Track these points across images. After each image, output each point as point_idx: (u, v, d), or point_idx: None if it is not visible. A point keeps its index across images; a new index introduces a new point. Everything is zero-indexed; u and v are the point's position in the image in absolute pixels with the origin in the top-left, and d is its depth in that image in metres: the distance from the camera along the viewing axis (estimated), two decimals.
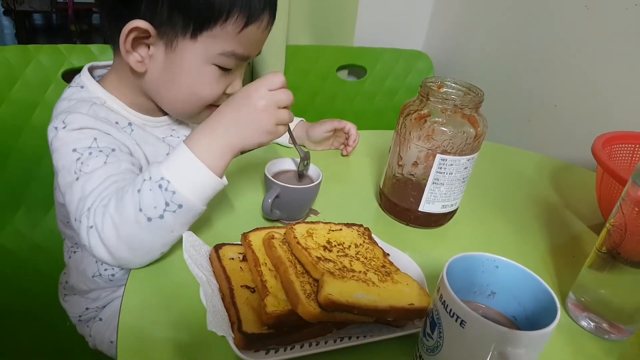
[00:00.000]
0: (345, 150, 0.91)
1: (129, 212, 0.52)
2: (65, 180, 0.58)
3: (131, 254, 0.53)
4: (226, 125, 0.56)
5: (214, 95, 0.67)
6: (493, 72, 1.38)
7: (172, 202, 0.52)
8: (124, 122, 0.67)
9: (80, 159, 0.58)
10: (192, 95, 0.66)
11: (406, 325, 0.50)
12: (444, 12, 1.54)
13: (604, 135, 0.78)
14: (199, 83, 0.64)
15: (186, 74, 0.64)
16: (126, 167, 0.60)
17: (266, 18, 0.63)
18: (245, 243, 0.56)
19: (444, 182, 0.65)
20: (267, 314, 0.46)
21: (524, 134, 1.27)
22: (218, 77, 0.65)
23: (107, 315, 0.78)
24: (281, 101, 0.57)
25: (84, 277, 0.75)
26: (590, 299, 0.56)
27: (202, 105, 0.67)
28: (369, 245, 0.58)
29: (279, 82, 0.57)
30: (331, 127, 0.88)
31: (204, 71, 0.64)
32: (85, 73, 0.69)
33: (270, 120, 0.56)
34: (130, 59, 0.61)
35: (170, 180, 0.52)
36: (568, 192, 0.91)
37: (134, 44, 0.61)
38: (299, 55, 1.30)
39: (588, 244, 0.75)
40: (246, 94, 0.57)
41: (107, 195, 0.55)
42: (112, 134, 0.62)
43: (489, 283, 0.47)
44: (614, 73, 1.05)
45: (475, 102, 0.62)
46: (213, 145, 0.55)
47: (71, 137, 0.59)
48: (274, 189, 0.63)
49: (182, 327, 0.49)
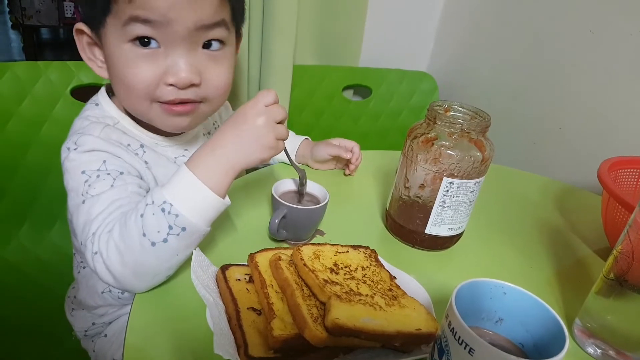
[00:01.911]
0: (347, 169, 0.92)
1: (133, 238, 0.52)
2: (73, 202, 0.59)
3: (137, 279, 0.53)
4: (227, 144, 0.55)
5: (144, 80, 0.59)
6: (498, 94, 1.38)
7: (175, 225, 0.52)
8: (136, 144, 0.66)
9: (88, 181, 0.58)
10: (124, 85, 0.60)
11: (413, 351, 0.50)
12: (449, 34, 1.56)
13: (609, 160, 0.79)
14: (123, 68, 0.59)
15: (114, 64, 0.60)
16: (132, 189, 0.60)
17: None
18: (252, 264, 0.56)
19: (450, 205, 0.65)
20: (273, 338, 0.45)
21: (529, 156, 1.28)
22: (140, 56, 0.58)
23: (112, 331, 0.78)
24: (278, 116, 0.57)
25: (93, 292, 0.75)
26: (597, 326, 0.56)
27: (138, 96, 0.60)
28: (376, 268, 0.58)
29: (272, 98, 0.57)
30: (335, 153, 0.89)
31: (123, 53, 0.58)
32: (102, 92, 0.69)
33: (270, 136, 0.56)
34: (92, 65, 0.63)
35: (173, 203, 0.51)
36: (573, 216, 0.91)
37: (92, 51, 0.62)
38: (306, 75, 1.31)
39: (593, 269, 0.74)
40: (244, 112, 0.56)
41: (112, 220, 0.55)
42: (122, 157, 0.62)
43: (497, 309, 0.47)
44: (619, 97, 1.05)
45: (482, 126, 0.63)
46: (214, 165, 0.54)
47: (81, 159, 0.59)
48: (281, 209, 0.64)
49: (188, 349, 0.49)
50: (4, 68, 0.93)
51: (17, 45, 4.31)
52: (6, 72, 0.92)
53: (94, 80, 1.01)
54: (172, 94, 0.60)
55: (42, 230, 1.02)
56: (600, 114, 1.09)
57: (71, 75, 0.99)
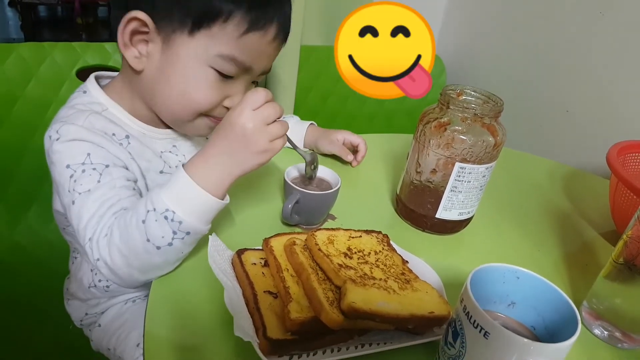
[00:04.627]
0: (352, 163, 0.90)
1: (137, 243, 0.53)
2: (63, 199, 0.59)
3: (144, 276, 0.56)
4: (219, 155, 0.55)
5: (209, 101, 0.63)
6: (504, 76, 1.38)
7: (179, 230, 0.53)
8: (122, 133, 0.65)
9: (73, 176, 0.58)
10: (185, 97, 0.62)
11: (425, 333, 0.51)
12: (456, 15, 1.54)
13: (618, 144, 0.79)
14: (192, 84, 0.61)
15: (180, 73, 0.61)
16: (121, 184, 0.60)
17: (272, 30, 0.61)
18: (267, 249, 0.56)
19: (462, 190, 0.66)
20: (291, 321, 0.46)
21: (535, 139, 1.28)
22: (215, 82, 0.61)
23: (105, 321, 0.77)
24: (269, 117, 0.55)
25: (82, 286, 0.75)
26: (604, 308, 0.57)
27: (195, 111, 0.64)
28: (388, 252, 0.59)
29: (261, 99, 0.55)
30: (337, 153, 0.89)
31: (199, 72, 0.60)
32: (90, 79, 0.68)
33: (262, 140, 0.55)
34: (127, 53, 0.60)
35: (176, 211, 0.52)
36: (579, 199, 0.92)
37: (133, 40, 0.60)
38: (313, 56, 1.30)
39: (600, 252, 0.75)
40: (230, 120, 0.55)
41: (106, 224, 0.55)
42: (106, 147, 0.61)
43: (510, 293, 0.48)
44: (626, 79, 1.05)
45: (495, 111, 0.63)
46: (210, 174, 0.54)
47: (65, 150, 0.59)
48: (294, 194, 0.64)
49: (207, 333, 0.50)
50: (9, 49, 0.92)
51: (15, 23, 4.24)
52: (12, 54, 0.92)
53: (100, 62, 1.00)
54: (222, 112, 0.65)
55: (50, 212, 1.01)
56: (607, 96, 1.09)
57: (77, 56, 0.98)
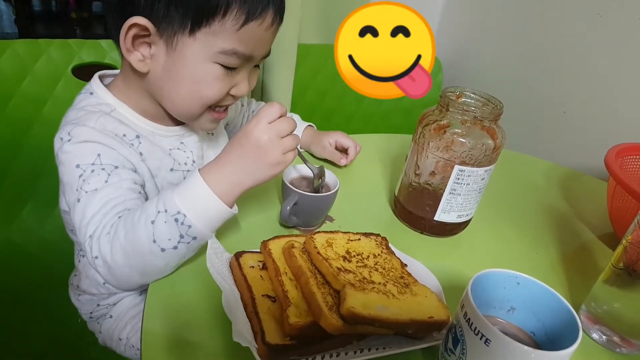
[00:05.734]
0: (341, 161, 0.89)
1: (142, 243, 0.53)
2: (69, 198, 0.59)
3: (143, 279, 0.56)
4: (233, 164, 0.56)
5: (218, 95, 0.64)
6: (501, 76, 1.38)
7: (187, 234, 0.54)
8: (132, 134, 0.65)
9: (82, 175, 0.58)
10: (195, 94, 0.64)
11: (425, 338, 0.51)
12: (453, 15, 1.53)
13: (616, 146, 0.79)
14: (201, 82, 0.62)
15: (188, 72, 0.62)
16: (127, 186, 0.60)
17: (269, 15, 0.61)
18: (265, 252, 0.56)
19: (460, 193, 0.65)
20: (289, 325, 0.46)
21: (533, 140, 1.28)
22: (221, 76, 0.63)
23: (117, 312, 0.79)
24: (283, 130, 0.56)
25: (95, 282, 0.76)
26: (603, 313, 0.57)
27: (204, 104, 0.65)
28: (387, 255, 0.59)
29: (276, 112, 0.56)
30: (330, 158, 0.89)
31: (206, 70, 0.61)
32: (95, 80, 0.68)
33: (276, 152, 0.56)
34: (131, 57, 0.60)
35: (187, 215, 0.53)
36: (577, 201, 0.92)
37: (135, 43, 0.60)
38: (310, 55, 1.29)
39: (597, 254, 0.76)
40: (247, 131, 0.56)
41: (109, 222, 0.55)
42: (117, 149, 0.61)
43: (510, 299, 0.48)
44: (624, 81, 1.05)
45: (495, 114, 0.63)
46: (223, 181, 0.55)
47: (76, 151, 0.59)
48: (293, 196, 0.64)
49: (205, 334, 0.49)
50: (4, 46, 0.91)
51: (8, 17, 4.18)
52: (7, 50, 0.91)
53: (96, 59, 0.99)
54: (230, 101, 0.68)
55: (46, 210, 1.01)
56: (605, 98, 1.09)
57: (72, 53, 0.97)
